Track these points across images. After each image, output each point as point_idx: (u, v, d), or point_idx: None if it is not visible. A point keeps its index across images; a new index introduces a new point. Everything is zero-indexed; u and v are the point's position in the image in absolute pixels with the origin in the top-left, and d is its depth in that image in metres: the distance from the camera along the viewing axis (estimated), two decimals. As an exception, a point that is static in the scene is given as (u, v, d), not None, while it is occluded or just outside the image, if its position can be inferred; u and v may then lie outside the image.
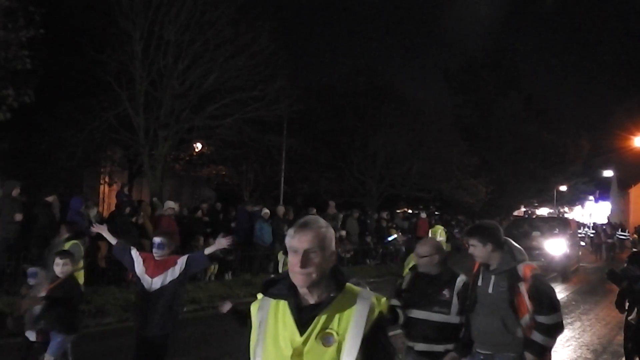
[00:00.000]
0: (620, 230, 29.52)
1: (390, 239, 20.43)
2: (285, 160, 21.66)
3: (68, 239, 8.17)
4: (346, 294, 2.19)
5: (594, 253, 27.92)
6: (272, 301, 2.28)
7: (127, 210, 12.14)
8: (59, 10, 13.93)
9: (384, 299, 2.22)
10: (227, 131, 17.48)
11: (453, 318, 4.18)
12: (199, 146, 21.63)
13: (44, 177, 15.54)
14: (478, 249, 4.15)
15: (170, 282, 5.35)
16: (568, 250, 18.43)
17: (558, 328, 4.19)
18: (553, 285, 14.12)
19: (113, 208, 15.01)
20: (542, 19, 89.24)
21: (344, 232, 18.35)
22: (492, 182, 30.70)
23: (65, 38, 14.44)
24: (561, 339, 9.18)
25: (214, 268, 13.14)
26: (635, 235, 29.35)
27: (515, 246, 4.22)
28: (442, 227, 20.08)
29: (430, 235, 19.36)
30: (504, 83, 38.14)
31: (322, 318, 2.13)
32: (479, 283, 4.19)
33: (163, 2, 15.07)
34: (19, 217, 10.19)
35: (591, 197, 59.79)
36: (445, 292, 4.21)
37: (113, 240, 5.85)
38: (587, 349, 8.51)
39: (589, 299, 13.85)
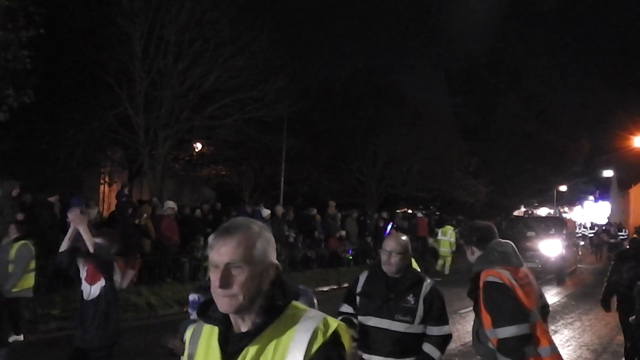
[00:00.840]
0: (618, 230, 29.49)
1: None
2: (285, 160, 21.67)
3: (17, 239, 7.88)
4: (286, 318, 1.70)
5: (593, 254, 27.89)
6: (207, 326, 1.81)
7: (129, 211, 12.15)
8: (59, 10, 13.92)
9: (334, 323, 1.70)
10: (227, 131, 17.49)
11: (417, 327, 3.63)
12: (199, 146, 21.63)
13: (44, 177, 15.53)
14: (467, 252, 3.86)
15: (108, 288, 4.96)
16: (564, 252, 17.75)
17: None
18: (548, 288, 13.94)
19: (113, 208, 15.01)
20: (542, 19, 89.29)
21: (344, 232, 18.35)
22: (492, 182, 30.71)
23: (65, 38, 14.44)
24: (561, 339, 9.20)
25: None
26: (635, 235, 29.23)
27: (497, 249, 3.64)
28: (452, 228, 19.80)
29: (440, 235, 19.32)
30: (504, 83, 38.16)
31: (252, 350, 1.67)
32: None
33: (163, 2, 15.08)
34: (19, 217, 10.18)
35: (591, 197, 59.81)
36: (410, 298, 3.64)
37: (90, 241, 4.92)
38: (587, 349, 8.51)
39: (588, 299, 13.85)
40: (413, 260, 3.94)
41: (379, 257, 3.85)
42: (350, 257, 17.90)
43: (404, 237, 3.83)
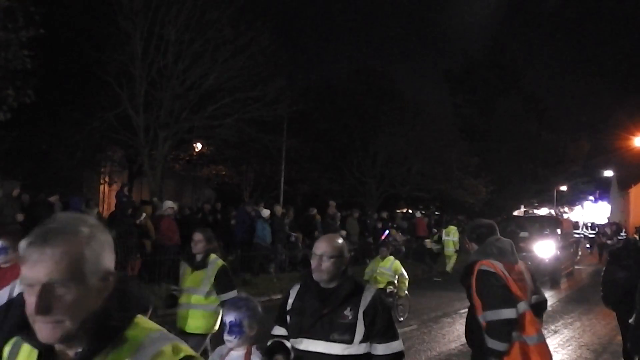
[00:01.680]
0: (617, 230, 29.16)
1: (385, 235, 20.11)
2: (285, 160, 21.68)
3: None
4: (124, 341, 1.33)
5: (593, 254, 27.74)
6: (26, 345, 1.41)
7: (130, 211, 12.15)
8: (59, 10, 13.93)
9: (187, 350, 1.36)
10: (227, 131, 17.50)
11: (358, 348, 2.94)
12: (199, 146, 21.65)
13: (44, 177, 15.54)
14: (468, 248, 4.18)
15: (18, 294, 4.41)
16: (558, 253, 16.80)
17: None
18: (544, 289, 13.82)
19: (113, 208, 15.02)
20: (542, 19, 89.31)
21: (344, 232, 18.36)
22: (492, 182, 30.72)
23: (65, 38, 14.45)
24: (561, 339, 9.20)
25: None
26: (636, 235, 29.13)
27: (495, 244, 3.85)
28: (456, 228, 19.50)
29: (444, 236, 19.16)
30: (504, 83, 38.19)
31: None
32: None
33: (163, 2, 15.09)
34: (20, 217, 10.19)
35: (591, 197, 59.82)
36: (347, 312, 2.97)
37: None
38: (587, 349, 8.51)
39: (588, 299, 13.85)
40: (398, 262, 3.77)
41: (309, 266, 3.10)
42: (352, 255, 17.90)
43: (338, 239, 3.16)
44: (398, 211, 27.72)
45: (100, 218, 13.39)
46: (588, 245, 30.29)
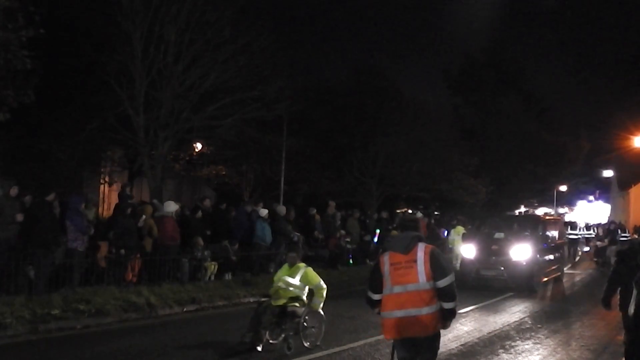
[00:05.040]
0: (619, 231, 28.61)
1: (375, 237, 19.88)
2: (285, 160, 21.67)
3: None
4: None
5: (589, 254, 27.19)
6: None
7: (129, 211, 12.14)
8: (59, 10, 13.94)
9: None
10: (227, 131, 17.50)
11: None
12: (199, 146, 21.65)
13: (44, 177, 15.54)
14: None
15: None
16: (538, 256, 14.74)
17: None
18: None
19: (113, 208, 15.01)
20: (542, 19, 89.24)
21: (344, 232, 18.37)
22: (492, 182, 30.71)
23: (65, 38, 14.45)
24: (561, 339, 9.19)
25: (214, 268, 13.14)
26: (635, 235, 28.90)
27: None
28: (463, 228, 19.06)
29: (452, 235, 19.13)
30: (504, 83, 38.19)
31: None
32: None
33: (163, 2, 15.08)
34: (19, 217, 10.19)
35: (591, 197, 59.77)
36: None
37: None
38: (587, 349, 8.50)
39: (588, 299, 13.85)
40: (310, 271, 3.72)
41: None
42: (350, 262, 17.88)
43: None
44: (398, 211, 27.71)
45: (98, 218, 13.40)
46: (587, 248, 29.90)
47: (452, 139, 27.93)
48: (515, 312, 11.71)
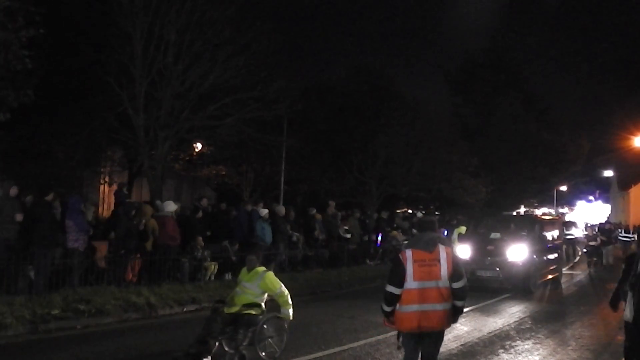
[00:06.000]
0: (623, 231, 28.13)
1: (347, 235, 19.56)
2: (285, 160, 21.67)
3: None
4: None
5: (591, 257, 26.64)
6: None
7: (133, 213, 12.15)
8: (59, 10, 13.93)
9: None
10: (227, 131, 17.48)
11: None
12: (199, 146, 21.65)
13: (44, 177, 15.55)
14: None
15: None
16: (535, 257, 14.49)
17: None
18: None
19: (113, 208, 15.01)
20: (542, 19, 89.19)
21: (346, 227, 18.46)
22: (492, 182, 30.69)
23: (65, 38, 14.45)
24: (561, 339, 9.19)
25: (214, 268, 13.15)
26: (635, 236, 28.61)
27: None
28: (466, 228, 18.81)
29: (454, 235, 19.12)
30: (504, 83, 38.20)
31: None
32: None
33: (163, 2, 15.07)
34: (19, 217, 10.19)
35: (591, 197, 59.80)
36: None
37: None
38: (587, 349, 8.50)
39: (588, 300, 13.85)
40: (271, 275, 3.49)
41: None
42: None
43: None
44: (398, 211, 27.72)
45: (98, 218, 13.38)
46: (585, 250, 29.67)
47: (452, 139, 27.91)
48: (515, 312, 11.71)
